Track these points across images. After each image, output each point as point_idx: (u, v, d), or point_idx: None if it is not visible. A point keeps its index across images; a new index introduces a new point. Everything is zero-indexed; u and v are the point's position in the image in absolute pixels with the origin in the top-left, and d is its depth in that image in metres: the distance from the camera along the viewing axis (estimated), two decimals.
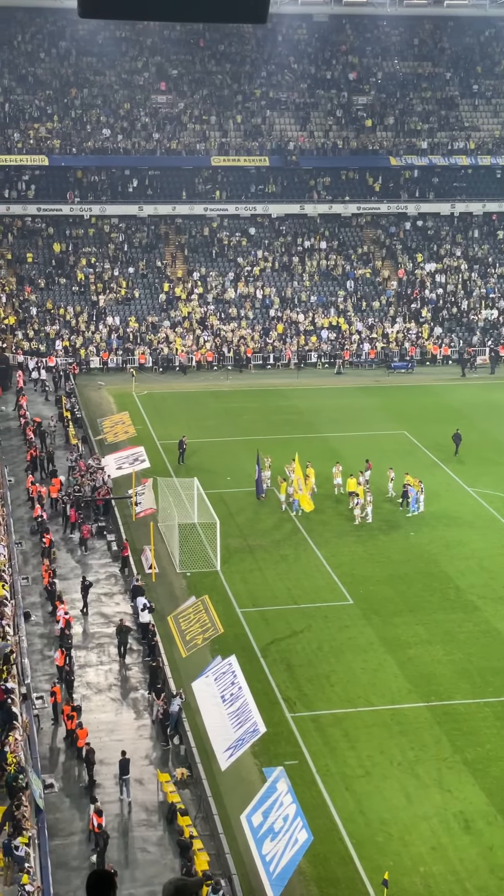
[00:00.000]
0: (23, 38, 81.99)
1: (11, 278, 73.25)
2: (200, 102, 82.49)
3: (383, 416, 59.70)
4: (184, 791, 29.92)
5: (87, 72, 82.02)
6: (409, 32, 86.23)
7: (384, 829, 28.53)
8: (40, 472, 50.66)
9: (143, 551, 42.74)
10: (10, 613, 36.13)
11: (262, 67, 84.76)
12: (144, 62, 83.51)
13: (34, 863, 25.77)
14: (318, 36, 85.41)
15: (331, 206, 79.84)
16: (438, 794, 29.80)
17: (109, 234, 77.18)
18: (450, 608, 39.54)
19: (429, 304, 75.86)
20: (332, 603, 39.95)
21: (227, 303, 74.16)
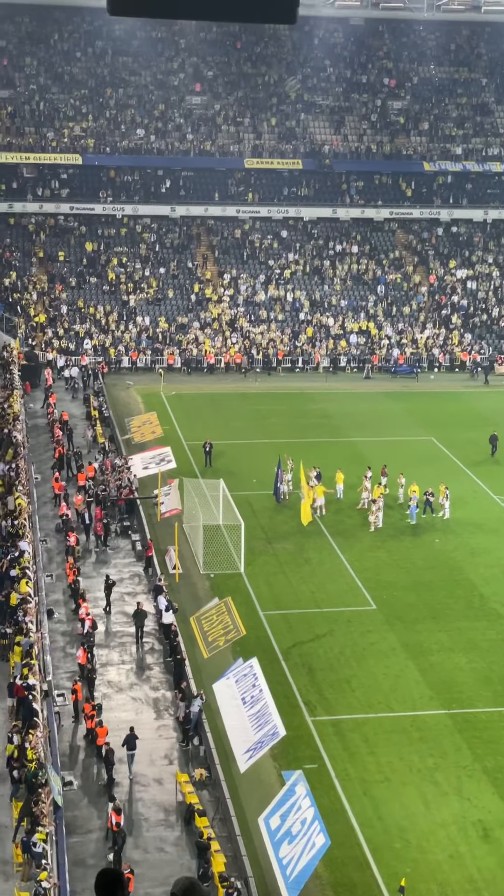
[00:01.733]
0: (59, 37, 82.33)
1: (43, 276, 73.56)
2: (235, 104, 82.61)
3: (411, 421, 59.61)
4: (202, 792, 29.96)
5: (122, 72, 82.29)
6: (445, 38, 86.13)
7: (402, 835, 28.49)
8: (67, 471, 50.81)
9: (168, 552, 42.82)
10: (33, 610, 36.27)
11: (298, 70, 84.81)
12: (180, 63, 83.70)
13: (51, 859, 25.84)
14: (354, 40, 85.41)
15: (363, 210, 79.84)
16: (457, 801, 29.74)
17: (141, 234, 77.39)
18: (473, 616, 39.45)
19: (459, 310, 75.65)
20: (355, 608, 39.93)
21: (257, 305, 74.24)
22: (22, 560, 38.99)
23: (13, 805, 28.26)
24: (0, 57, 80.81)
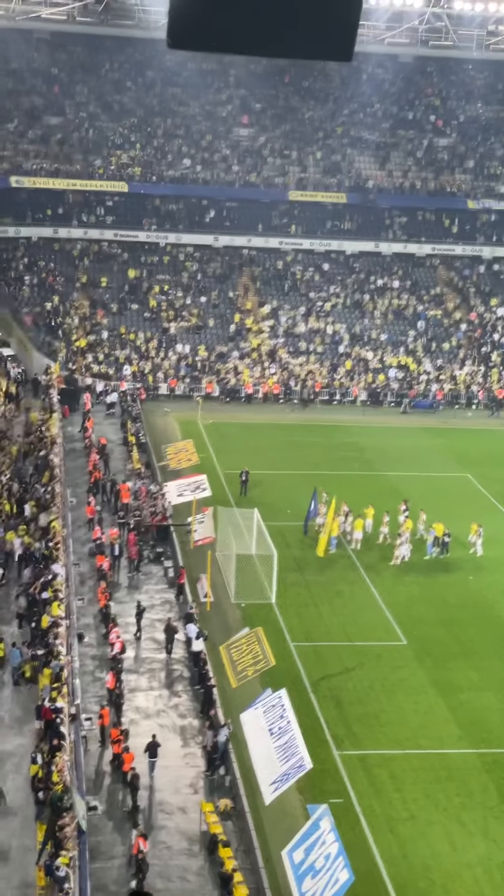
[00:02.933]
0: (110, 67, 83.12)
1: (85, 301, 74.02)
2: (282, 137, 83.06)
3: (447, 458, 59.46)
4: (226, 822, 29.85)
5: (171, 102, 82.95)
6: (493, 76, 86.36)
7: (427, 874, 28.29)
8: (102, 495, 50.94)
9: (200, 579, 42.79)
10: (64, 633, 36.32)
11: (345, 105, 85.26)
12: (228, 95, 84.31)
13: (74, 884, 25.81)
14: (402, 76, 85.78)
15: (405, 245, 79.98)
16: (483, 843, 29.52)
17: (184, 262, 77.80)
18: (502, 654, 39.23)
19: (499, 348, 75.56)
20: (385, 642, 39.76)
21: (296, 337, 74.39)
22: (55, 583, 39.12)
23: (38, 827, 28.28)
24: (51, 84, 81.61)
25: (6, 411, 57.25)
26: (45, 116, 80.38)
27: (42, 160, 77.16)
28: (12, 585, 40.87)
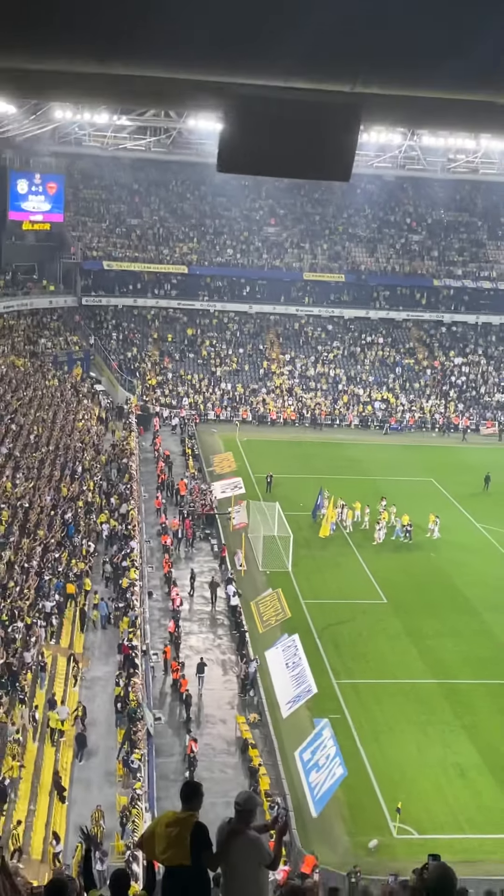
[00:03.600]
0: (175, 183, 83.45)
1: (155, 352, 74.27)
2: (298, 234, 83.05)
3: (417, 467, 59.26)
4: (254, 730, 29.99)
5: (218, 208, 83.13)
6: (452, 191, 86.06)
7: (399, 770, 28.31)
8: (166, 492, 51.12)
9: (236, 553, 42.91)
10: (138, 592, 36.55)
11: (344, 210, 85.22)
12: (260, 203, 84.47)
13: (144, 774, 25.88)
14: (386, 191, 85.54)
15: (388, 312, 79.83)
16: (441, 748, 29.49)
17: (227, 324, 77.90)
18: (458, 611, 39.11)
19: (455, 387, 75.21)
20: (370, 601, 39.75)
21: (307, 378, 74.28)
22: (132, 555, 39.32)
23: (118, 732, 28.40)
24: (133, 196, 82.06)
25: (98, 430, 57.52)
26: (128, 218, 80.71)
27: (125, 250, 77.48)
28: (102, 557, 41.09)
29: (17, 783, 25.69)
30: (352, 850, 25.02)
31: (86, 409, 60.10)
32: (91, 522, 43.07)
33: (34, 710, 28.73)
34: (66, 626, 34.70)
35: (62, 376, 64.31)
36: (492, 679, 33.68)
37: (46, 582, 35.65)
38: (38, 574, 35.77)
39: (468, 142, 70.43)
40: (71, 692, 30.48)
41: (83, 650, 33.57)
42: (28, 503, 41.62)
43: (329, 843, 25.21)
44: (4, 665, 29.41)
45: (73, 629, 34.64)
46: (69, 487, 45.41)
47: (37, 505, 41.68)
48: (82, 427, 55.73)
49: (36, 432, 50.73)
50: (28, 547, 37.74)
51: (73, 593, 36.12)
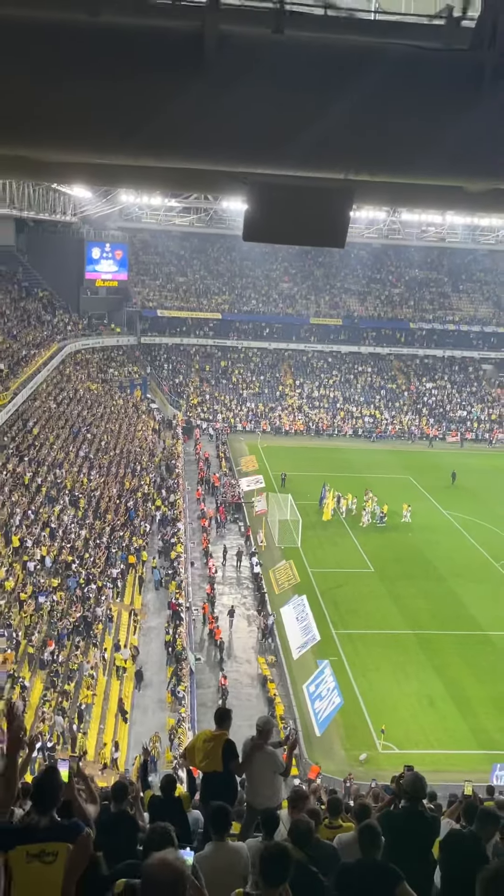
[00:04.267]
0: (212, 250, 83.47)
1: (196, 379, 74.27)
2: (306, 289, 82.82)
3: (397, 466, 58.91)
4: (272, 669, 29.84)
5: (245, 269, 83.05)
6: (424, 254, 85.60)
7: (384, 700, 28.11)
8: (204, 485, 51.10)
9: (258, 533, 42.82)
10: (183, 561, 36.55)
11: (341, 271, 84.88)
12: (277, 265, 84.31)
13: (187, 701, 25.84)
14: (373, 255, 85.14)
15: (374, 348, 79.39)
16: (416, 683, 29.26)
17: (251, 357, 77.77)
18: (428, 578, 38.77)
19: (427, 405, 74.76)
20: (361, 570, 39.51)
21: (313, 398, 74.02)
22: (178, 533, 39.32)
23: (167, 669, 28.39)
24: (180, 260, 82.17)
25: (152, 438, 57.63)
26: (176, 277, 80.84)
27: (174, 301, 77.60)
28: (156, 535, 41.13)
29: (90, 708, 25.78)
30: (347, 761, 24.89)
31: (143, 422, 60.25)
32: (147, 509, 43.15)
33: (104, 652, 28.81)
34: (128, 587, 34.79)
35: (125, 397, 64.51)
36: (455, 630, 33.39)
37: (113, 554, 35.76)
38: (106, 548, 35.88)
39: (437, 217, 70.17)
40: (131, 639, 30.57)
41: (141, 606, 33.65)
42: (99, 494, 41.77)
43: (329, 756, 25.11)
44: (81, 617, 29.53)
45: (133, 590, 34.73)
46: (131, 482, 45.53)
47: (106, 495, 41.83)
48: (140, 436, 55.87)
49: (105, 440, 50.92)
50: (99, 527, 37.88)
51: (134, 563, 36.20)
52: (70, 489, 40.66)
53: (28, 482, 38.70)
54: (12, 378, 47.26)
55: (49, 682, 26.03)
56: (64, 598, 30.39)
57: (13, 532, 33.22)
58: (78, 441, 48.08)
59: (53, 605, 29.56)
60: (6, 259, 67.47)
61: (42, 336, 59.77)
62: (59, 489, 40.02)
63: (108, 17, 5.11)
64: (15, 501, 35.92)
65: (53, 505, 37.92)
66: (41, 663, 26.86)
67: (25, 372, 49.99)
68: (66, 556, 33.46)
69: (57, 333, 63.55)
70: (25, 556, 32.04)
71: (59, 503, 38.42)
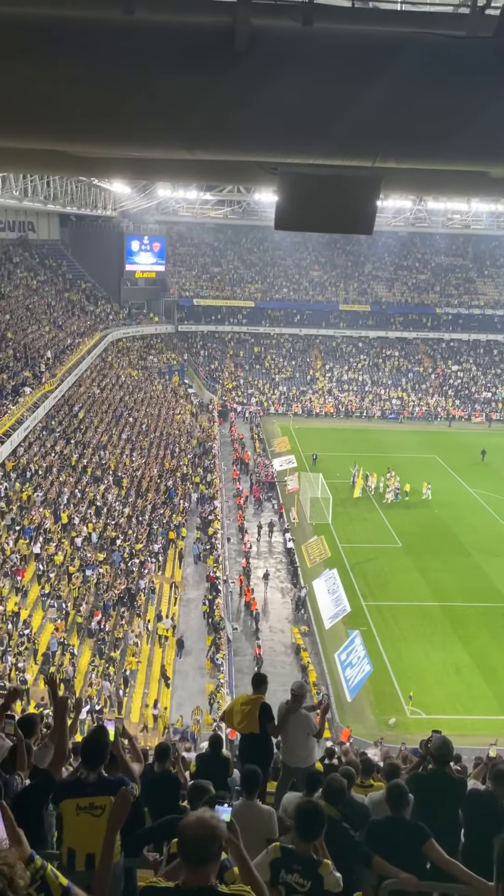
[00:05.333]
0: (245, 241, 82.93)
1: (231, 364, 74.13)
2: (335, 276, 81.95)
3: (424, 446, 58.31)
4: (305, 638, 29.89)
5: (276, 258, 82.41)
6: (450, 241, 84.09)
7: (412, 668, 27.99)
8: (240, 465, 51.15)
9: (291, 510, 42.79)
10: (220, 537, 36.67)
11: (369, 259, 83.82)
12: (307, 254, 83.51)
13: (225, 668, 26.02)
14: (400, 243, 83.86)
15: (402, 332, 78.42)
16: (442, 652, 29.08)
17: (283, 343, 77.36)
18: (454, 553, 38.39)
19: (452, 388, 73.75)
20: (389, 545, 39.28)
21: (342, 381, 73.47)
22: (215, 511, 39.45)
23: (206, 638, 28.59)
24: (215, 251, 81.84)
25: (190, 421, 57.81)
26: (211, 267, 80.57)
27: (209, 290, 77.47)
28: (194, 512, 41.34)
29: (135, 674, 26.15)
30: (377, 726, 24.91)
31: (181, 406, 60.44)
32: (186, 488, 43.39)
33: (147, 622, 29.15)
34: (169, 561, 35.09)
35: (164, 383, 64.75)
36: (480, 602, 33.08)
37: (155, 530, 36.07)
38: (148, 525, 36.20)
39: (462, 205, 68.82)
40: (172, 609, 30.88)
41: (181, 579, 33.93)
42: (141, 474, 42.10)
43: (360, 721, 25.15)
44: (125, 589, 29.89)
45: (173, 564, 35.02)
46: (170, 462, 45.80)
47: (147, 475, 42.14)
48: (179, 419, 56.08)
49: (146, 423, 51.22)
50: (141, 505, 38.21)
51: (174, 538, 36.47)
52: (114, 470, 41.03)
53: (75, 463, 39.16)
54: (58, 365, 47.71)
55: (96, 650, 26.46)
56: (109, 571, 30.79)
57: (62, 510, 33.69)
58: (120, 424, 48.43)
59: (100, 578, 29.96)
60: (52, 253, 67.93)
61: (86, 325, 60.18)
62: (103, 470, 40.42)
63: (142, 14, 5.06)
64: (63, 481, 36.39)
65: (98, 484, 38.33)
66: (89, 632, 27.30)
67: (71, 359, 50.42)
68: (111, 532, 33.85)
69: (99, 323, 63.93)
70: (73, 533, 32.50)
71: (104, 483, 38.82)
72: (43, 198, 49.85)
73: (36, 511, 32.68)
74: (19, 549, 29.64)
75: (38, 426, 40.39)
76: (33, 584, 28.66)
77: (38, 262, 65.05)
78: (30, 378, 42.68)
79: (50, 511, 33.37)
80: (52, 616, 27.07)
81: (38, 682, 23.63)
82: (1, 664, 23.78)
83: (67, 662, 24.85)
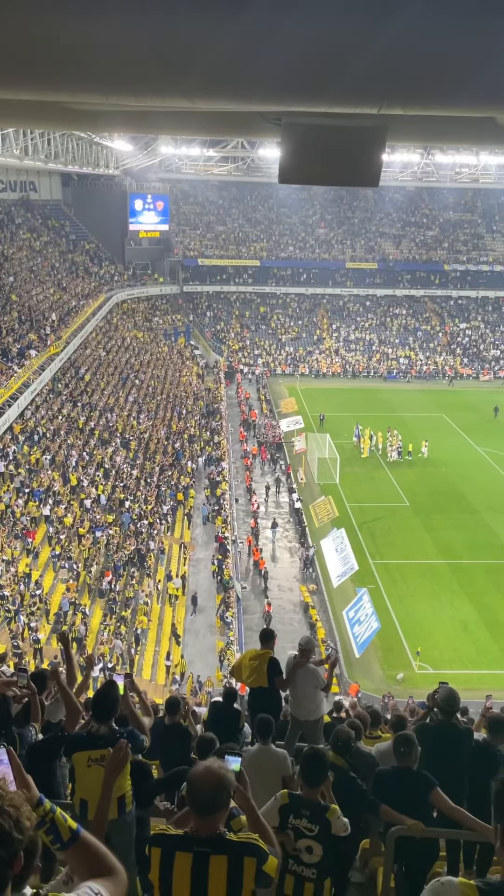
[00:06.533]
0: (250, 198, 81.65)
1: (237, 325, 73.57)
2: (342, 234, 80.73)
3: (432, 405, 58.04)
4: (314, 596, 30.18)
5: (281, 216, 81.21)
6: (458, 196, 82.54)
7: (419, 625, 28.28)
8: (246, 426, 51.12)
9: (298, 470, 42.86)
10: (227, 498, 36.81)
11: (376, 215, 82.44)
12: (313, 211, 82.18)
13: (235, 625, 26.32)
14: (408, 198, 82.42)
15: (409, 291, 77.48)
16: (450, 609, 29.35)
17: (290, 303, 76.61)
18: (462, 511, 38.51)
19: (461, 346, 73.11)
20: (397, 503, 39.40)
21: (350, 341, 72.89)
22: (222, 472, 39.54)
23: (216, 597, 28.90)
24: (219, 209, 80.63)
25: (197, 383, 57.64)
26: (216, 226, 79.46)
27: (214, 249, 76.54)
28: (202, 473, 41.47)
29: (146, 633, 26.53)
30: (385, 681, 25.30)
31: (187, 368, 60.21)
32: (193, 449, 43.47)
33: (157, 582, 29.49)
34: (177, 522, 35.33)
35: (170, 344, 64.42)
36: (487, 560, 33.27)
37: (163, 492, 36.26)
38: (156, 486, 36.37)
39: (470, 158, 67.37)
40: (182, 569, 31.19)
41: (190, 539, 34.21)
42: (148, 436, 42.16)
43: (368, 676, 25.54)
44: (135, 550, 30.17)
45: (182, 525, 35.27)
46: (177, 424, 45.81)
47: (155, 437, 42.20)
48: (185, 381, 55.93)
49: (152, 385, 51.12)
50: (149, 467, 38.34)
51: (182, 500, 36.67)
52: (121, 432, 41.08)
53: (82, 426, 39.21)
54: (63, 328, 47.46)
55: (108, 610, 26.83)
56: (119, 532, 31.06)
57: (70, 472, 33.85)
58: (127, 387, 48.34)
59: (109, 539, 30.24)
60: (55, 213, 67.05)
61: (90, 287, 59.67)
62: (111, 432, 40.47)
63: None
64: (71, 444, 36.50)
65: (106, 447, 38.43)
66: (100, 592, 27.65)
67: (76, 322, 50.13)
68: (120, 494, 34.04)
69: (104, 284, 63.37)
70: (83, 495, 32.70)
71: (112, 445, 38.91)
72: (44, 156, 49.01)
73: (45, 474, 32.85)
74: (29, 512, 29.87)
75: (45, 389, 40.35)
76: (44, 546, 28.96)
77: (40, 222, 64.26)
78: (35, 341, 42.50)
79: (59, 473, 33.52)
80: (63, 577, 27.40)
81: (50, 641, 24.02)
82: (14, 624, 24.17)
83: (79, 622, 25.23)
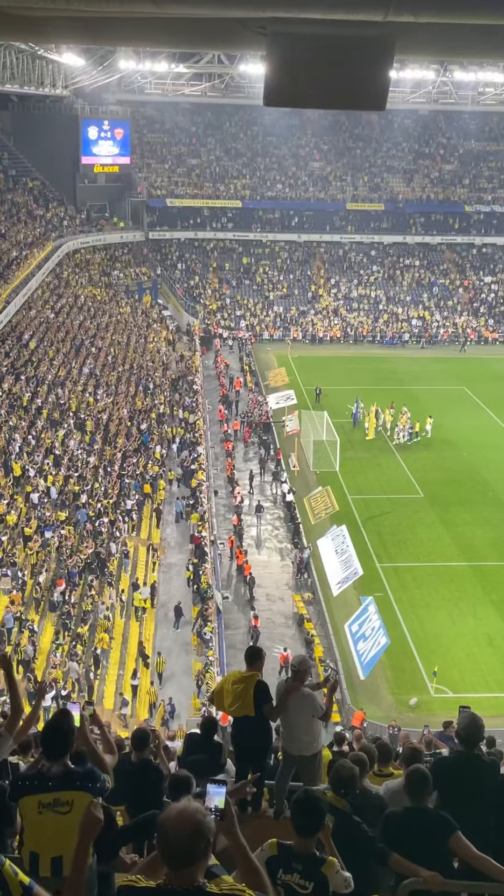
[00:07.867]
0: (229, 124, 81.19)
1: (215, 280, 73.40)
2: (341, 167, 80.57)
3: (450, 377, 58.28)
4: (309, 607, 30.41)
5: (269, 147, 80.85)
6: (481, 121, 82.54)
7: (436, 640, 28.60)
8: (226, 404, 51.13)
9: (290, 456, 43.00)
10: (206, 490, 36.90)
11: (383, 145, 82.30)
12: (306, 141, 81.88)
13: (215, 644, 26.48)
14: (420, 124, 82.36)
15: (423, 237, 77.56)
16: (473, 620, 29.70)
17: (278, 252, 76.47)
18: (486, 503, 38.89)
19: (485, 304, 73.36)
20: (409, 495, 39.68)
21: (351, 299, 72.96)
22: (199, 459, 39.61)
23: (193, 609, 29.04)
24: (191, 138, 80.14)
25: (166, 350, 57.49)
26: (187, 159, 79.01)
27: (186, 187, 76.12)
28: (174, 461, 41.47)
29: (107, 653, 26.60)
30: (395, 707, 25.59)
31: (155, 332, 60.02)
32: (163, 431, 43.43)
33: (120, 592, 29.53)
34: (144, 520, 35.36)
35: (134, 304, 64.12)
36: None
37: (127, 483, 36.23)
38: (119, 477, 36.34)
39: (497, 75, 67.21)
40: (150, 576, 31.23)
41: (160, 541, 34.25)
42: (108, 416, 42.06)
43: (375, 702, 25.81)
44: (93, 554, 30.17)
45: (150, 523, 35.30)
46: (143, 401, 45.72)
47: (116, 417, 42.11)
48: (153, 348, 55.77)
49: (112, 353, 50.92)
50: (110, 454, 38.29)
51: (150, 493, 36.68)
52: (74, 411, 40.95)
53: (27, 403, 39.04)
54: (2, 284, 47.07)
55: (61, 626, 26.87)
56: (73, 533, 31.04)
57: (13, 460, 33.72)
58: (81, 356, 48.14)
59: (62, 541, 30.21)
60: None
61: (34, 234, 59.14)
62: (62, 411, 40.34)
63: None
64: (13, 426, 36.33)
65: (56, 429, 38.31)
66: (51, 605, 27.67)
67: (17, 277, 49.70)
68: (74, 486, 33.99)
69: (51, 230, 62.83)
70: (28, 487, 32.61)
71: (63, 427, 38.80)
72: None
73: None
74: None
75: None
76: None
77: None
78: None
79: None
80: (5, 587, 27.36)
81: None
82: None
83: (26, 641, 25.24)
